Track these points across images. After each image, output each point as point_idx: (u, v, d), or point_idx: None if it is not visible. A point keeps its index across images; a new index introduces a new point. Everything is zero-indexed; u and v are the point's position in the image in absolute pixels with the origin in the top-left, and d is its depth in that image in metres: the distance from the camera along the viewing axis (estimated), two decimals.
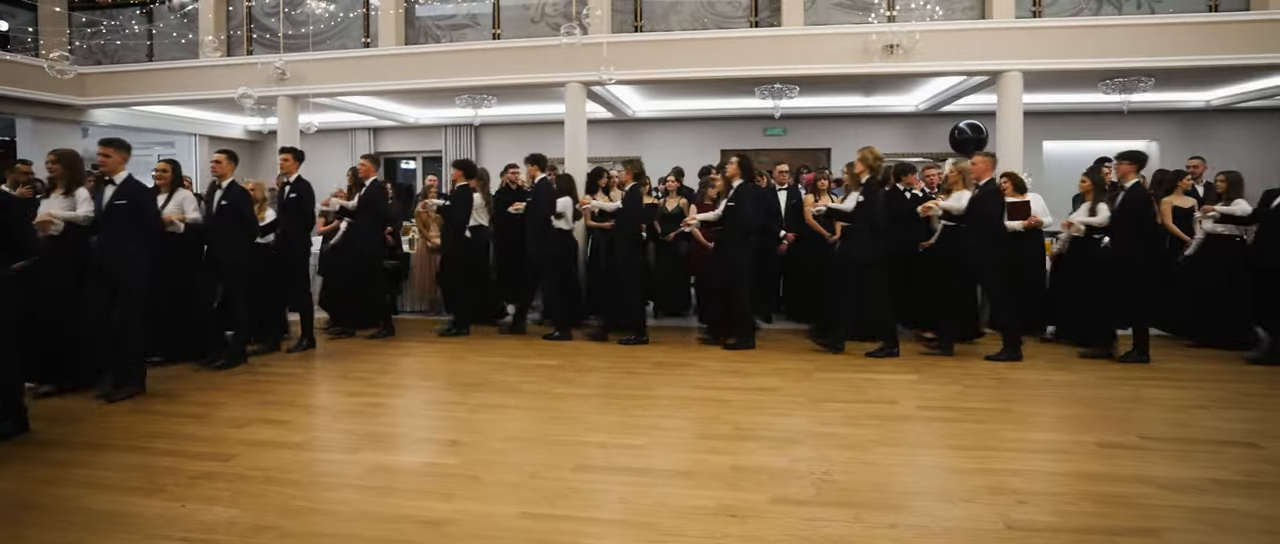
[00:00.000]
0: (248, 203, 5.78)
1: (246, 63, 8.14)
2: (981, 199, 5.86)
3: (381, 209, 6.75)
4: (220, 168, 5.73)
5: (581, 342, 6.77)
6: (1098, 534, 2.93)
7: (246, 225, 5.77)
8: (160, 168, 5.78)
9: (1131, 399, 4.87)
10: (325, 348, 6.61)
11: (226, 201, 5.62)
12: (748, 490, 3.37)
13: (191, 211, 5.68)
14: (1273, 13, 6.86)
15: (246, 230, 5.79)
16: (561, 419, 4.52)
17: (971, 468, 3.64)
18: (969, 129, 9.39)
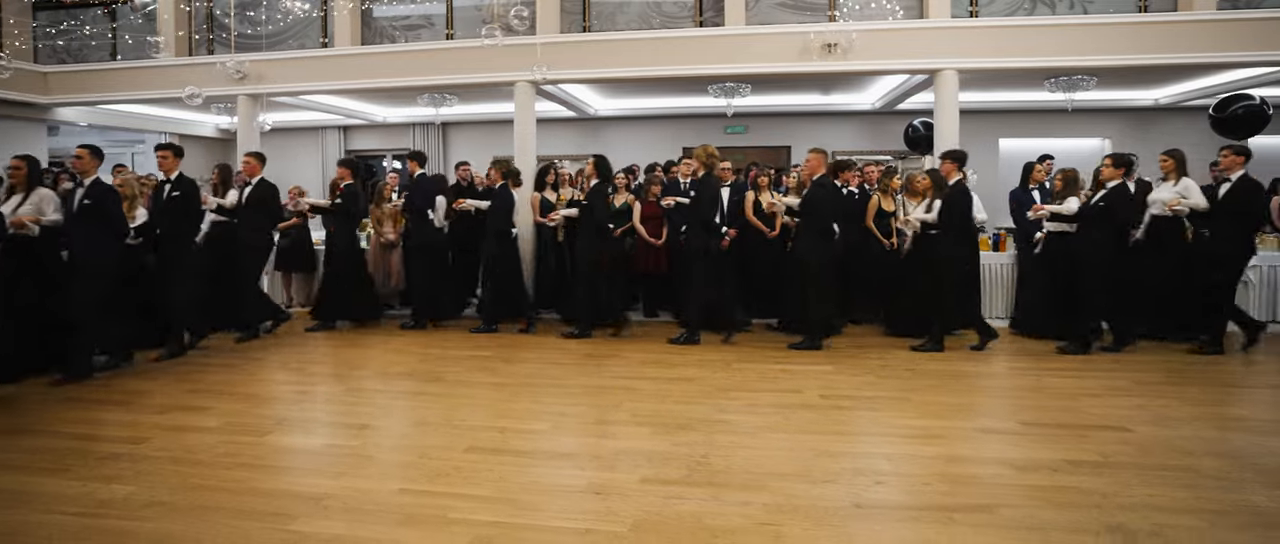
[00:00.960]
0: (114, 201, 5.44)
1: (206, 62, 8.32)
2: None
3: (272, 207, 6.90)
4: (81, 165, 5.41)
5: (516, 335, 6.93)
6: (937, 511, 3.11)
7: (113, 225, 5.38)
8: (13, 166, 5.39)
9: (1030, 388, 5.03)
10: (266, 340, 6.78)
11: (89, 200, 5.25)
12: (621, 471, 3.55)
13: (51, 213, 5.32)
14: (1198, 14, 7.01)
15: (115, 230, 5.41)
16: (473, 406, 4.71)
17: (846, 452, 3.81)
18: (922, 127, 9.50)
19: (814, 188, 6.15)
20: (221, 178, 7.06)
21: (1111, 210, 5.91)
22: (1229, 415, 4.42)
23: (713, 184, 6.47)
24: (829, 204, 6.15)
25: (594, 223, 6.74)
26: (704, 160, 6.14)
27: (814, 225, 6.15)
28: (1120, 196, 5.94)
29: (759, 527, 2.96)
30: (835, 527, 2.96)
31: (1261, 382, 5.25)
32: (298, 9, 7.69)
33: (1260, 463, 3.58)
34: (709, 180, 6.41)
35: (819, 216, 6.13)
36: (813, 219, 6.15)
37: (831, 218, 6.27)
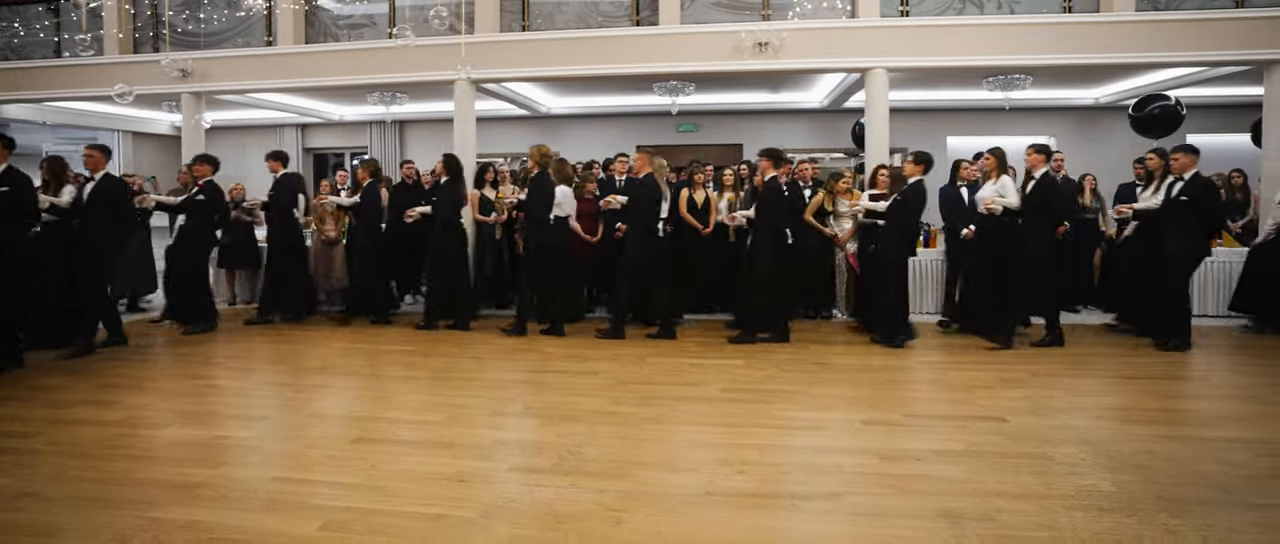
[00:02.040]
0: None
1: (149, 61, 8.35)
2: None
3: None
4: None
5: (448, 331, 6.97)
6: (785, 498, 3.21)
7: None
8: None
9: (930, 381, 5.15)
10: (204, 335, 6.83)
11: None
12: (494, 460, 3.64)
13: None
14: (1119, 15, 7.13)
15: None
16: (375, 399, 4.81)
17: (720, 443, 3.91)
18: None
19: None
20: (53, 173, 6.35)
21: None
22: (1108, 405, 4.54)
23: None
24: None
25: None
26: (537, 160, 6.30)
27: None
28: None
29: (604, 512, 3.05)
30: (677, 513, 3.05)
31: (1161, 373, 5.34)
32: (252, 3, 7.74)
33: (1116, 450, 3.69)
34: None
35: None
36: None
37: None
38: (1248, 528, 2.86)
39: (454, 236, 6.92)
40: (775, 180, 6.19)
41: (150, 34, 8.61)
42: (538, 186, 6.42)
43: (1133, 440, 3.85)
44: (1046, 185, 5.93)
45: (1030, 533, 2.82)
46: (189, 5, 8.39)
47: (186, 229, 7.13)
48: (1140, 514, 2.97)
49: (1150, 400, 4.66)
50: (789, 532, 2.89)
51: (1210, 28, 7.09)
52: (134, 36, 8.55)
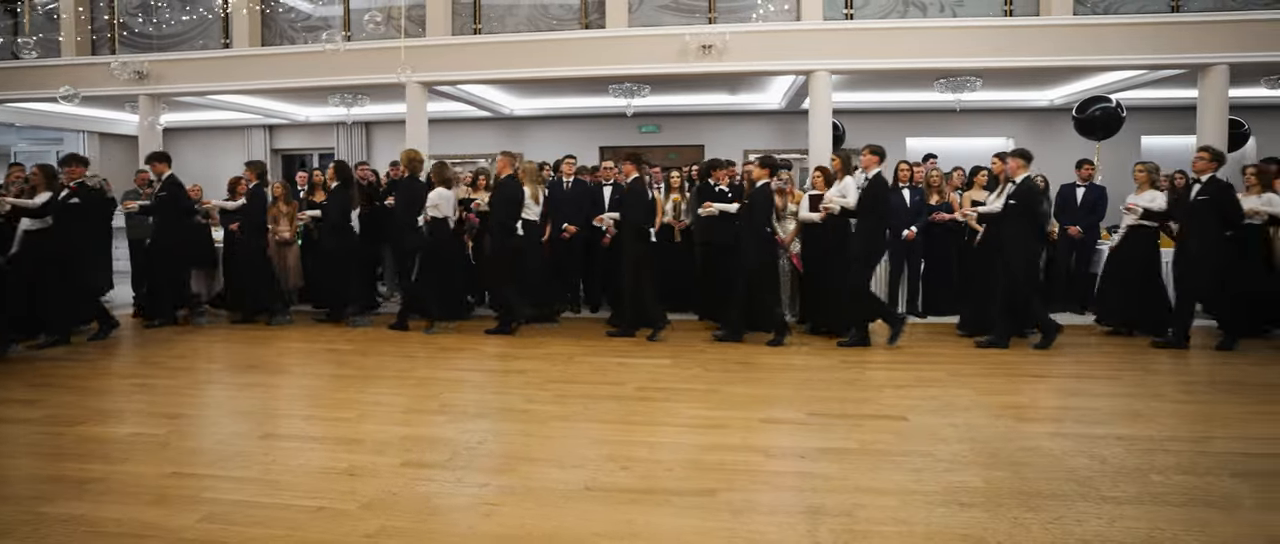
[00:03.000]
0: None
1: (105, 62, 8.41)
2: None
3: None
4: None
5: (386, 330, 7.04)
6: (662, 494, 3.29)
7: None
8: None
9: (846, 381, 5.22)
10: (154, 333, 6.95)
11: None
12: (390, 455, 3.73)
13: None
14: (1057, 18, 7.23)
15: None
16: (299, 397, 4.91)
17: (616, 440, 4.00)
18: None
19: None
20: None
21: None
22: (1010, 404, 4.62)
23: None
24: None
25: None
26: (406, 165, 6.67)
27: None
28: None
29: (478, 504, 3.15)
30: (549, 506, 3.15)
31: (1071, 373, 5.44)
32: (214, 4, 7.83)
33: (1000, 447, 3.79)
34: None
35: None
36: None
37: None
38: (1093, 519, 2.95)
39: (345, 239, 7.18)
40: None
41: (108, 36, 8.70)
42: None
43: (1020, 438, 3.94)
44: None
45: (882, 527, 2.92)
46: (145, 9, 8.50)
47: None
48: (998, 509, 3.06)
49: (1053, 398, 4.77)
50: (650, 525, 2.97)
51: (1147, 32, 7.19)
52: (92, 39, 8.64)
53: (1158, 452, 3.72)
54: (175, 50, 8.53)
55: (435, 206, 6.73)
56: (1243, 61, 7.07)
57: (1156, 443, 3.86)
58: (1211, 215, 5.87)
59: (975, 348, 6.15)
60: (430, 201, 6.73)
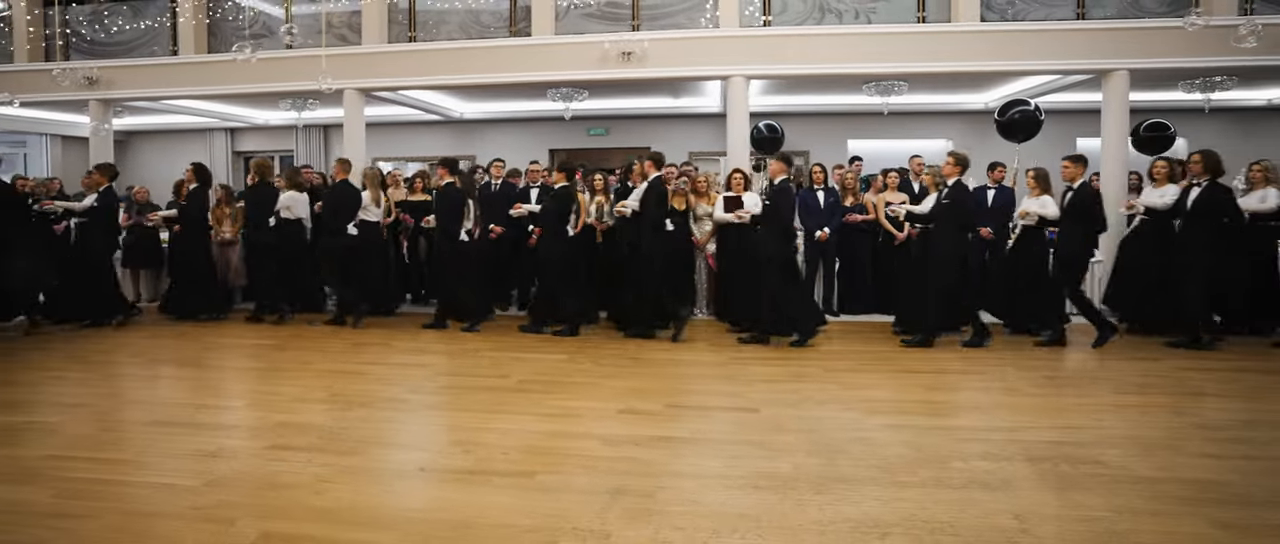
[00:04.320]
0: None
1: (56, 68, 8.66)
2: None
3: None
4: None
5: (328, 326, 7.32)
6: (487, 475, 3.54)
7: None
8: None
9: (723, 376, 5.46)
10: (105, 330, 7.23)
11: None
12: (259, 440, 3.99)
13: None
14: (968, 25, 7.44)
15: None
16: (202, 388, 5.20)
17: (473, 427, 4.26)
18: (766, 129, 9.95)
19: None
20: None
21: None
22: (868, 398, 4.83)
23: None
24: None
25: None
26: (254, 171, 7.30)
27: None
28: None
29: (315, 482, 3.41)
30: (379, 484, 3.41)
31: (954, 368, 5.64)
32: None
33: (832, 437, 4.02)
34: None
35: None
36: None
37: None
38: (870, 501, 3.18)
39: (197, 240, 7.62)
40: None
41: (61, 43, 9.01)
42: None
43: (855, 429, 4.17)
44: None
45: (671, 507, 3.16)
46: (96, 17, 8.80)
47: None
48: (788, 492, 3.29)
49: (914, 393, 4.97)
50: (459, 501, 3.22)
51: (1054, 38, 7.39)
52: (44, 45, 8.95)
53: (973, 440, 3.95)
54: (127, 57, 8.84)
55: (287, 208, 7.31)
56: (1142, 67, 7.28)
57: (977, 433, 4.10)
58: (951, 218, 6.11)
59: (902, 346, 6.32)
60: (282, 203, 7.29)
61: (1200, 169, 6.02)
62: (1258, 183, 6.30)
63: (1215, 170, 5.98)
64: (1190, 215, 6.13)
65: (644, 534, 2.91)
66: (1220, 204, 6.04)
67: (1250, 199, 6.33)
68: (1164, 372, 5.45)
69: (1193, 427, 4.19)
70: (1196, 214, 6.08)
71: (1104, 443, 3.93)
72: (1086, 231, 6.29)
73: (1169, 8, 7.16)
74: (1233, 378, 5.31)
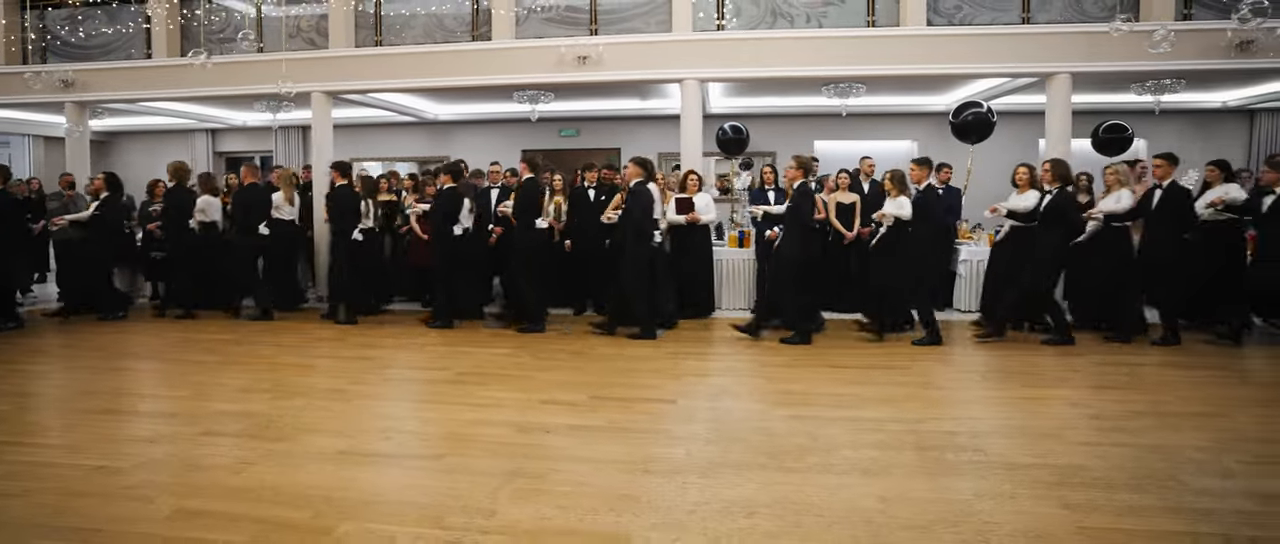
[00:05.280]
0: None
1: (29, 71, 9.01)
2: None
3: None
4: None
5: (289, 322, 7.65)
6: (398, 458, 3.77)
7: None
8: None
9: (655, 370, 5.64)
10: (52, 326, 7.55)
11: None
12: (196, 427, 4.21)
13: None
14: (915, 29, 7.62)
15: None
16: (153, 379, 5.46)
17: (401, 415, 4.50)
18: (731, 130, 10.16)
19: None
20: None
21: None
22: (786, 391, 5.04)
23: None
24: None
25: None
26: (172, 175, 7.83)
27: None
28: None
29: (237, 464, 3.62)
30: (296, 466, 3.62)
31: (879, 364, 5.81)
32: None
33: (735, 427, 4.22)
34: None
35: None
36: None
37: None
38: (751, 485, 3.38)
39: (102, 243, 7.84)
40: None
41: (42, 45, 9.27)
42: None
43: (763, 420, 4.37)
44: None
45: (560, 488, 3.36)
46: (73, 21, 9.06)
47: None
48: (674, 477, 3.49)
49: (832, 387, 5.16)
50: (364, 481, 3.43)
51: (999, 42, 7.57)
52: (25, 47, 9.21)
53: (871, 431, 4.15)
54: (103, 60, 9.09)
55: (202, 212, 7.74)
56: (1083, 70, 7.45)
57: (879, 423, 4.29)
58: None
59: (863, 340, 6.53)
60: (198, 207, 7.73)
61: (1051, 177, 6.24)
62: (1111, 185, 6.56)
63: (1064, 178, 6.20)
64: (1042, 219, 6.33)
65: (526, 512, 3.13)
66: (1063, 210, 6.22)
67: (1107, 201, 6.57)
68: (1080, 367, 5.64)
69: (1085, 417, 4.39)
70: (1045, 220, 6.28)
71: (994, 433, 4.14)
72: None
73: (1110, 12, 7.33)
74: (1140, 372, 5.48)
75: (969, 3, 7.69)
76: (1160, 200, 6.27)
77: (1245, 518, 3.05)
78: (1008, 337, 6.61)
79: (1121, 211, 6.41)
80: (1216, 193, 6.45)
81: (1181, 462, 3.65)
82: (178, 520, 3.06)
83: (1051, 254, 6.29)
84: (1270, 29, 6.70)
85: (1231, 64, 7.12)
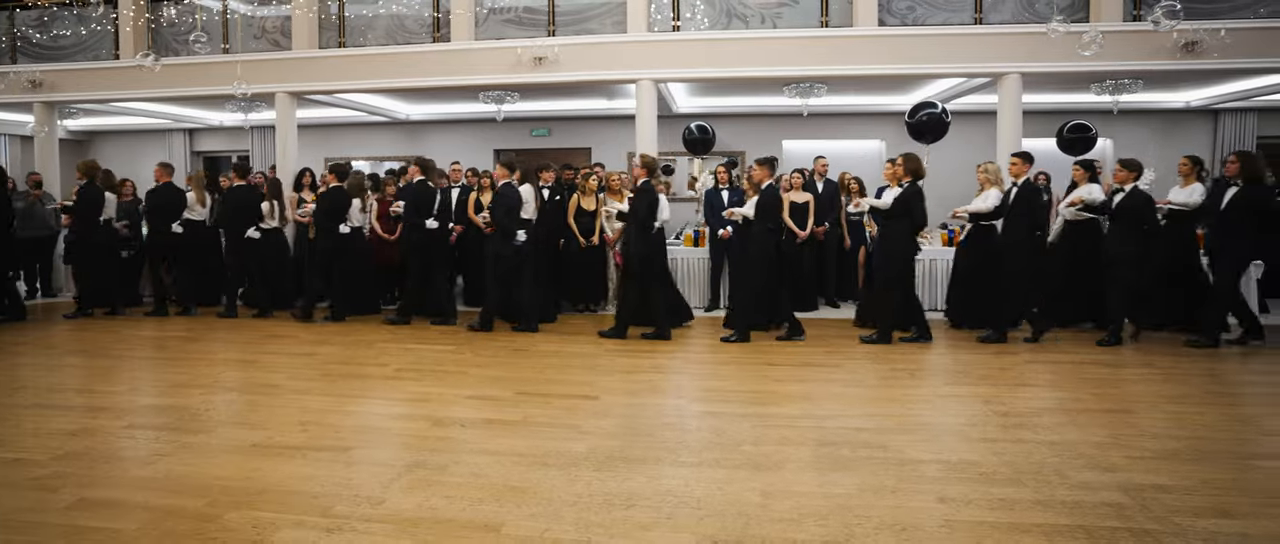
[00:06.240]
0: None
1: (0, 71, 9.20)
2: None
3: None
4: None
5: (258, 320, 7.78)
6: (308, 450, 3.84)
7: None
8: None
9: (589, 367, 5.75)
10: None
11: None
12: (124, 420, 4.34)
13: None
14: (867, 30, 7.69)
15: None
16: (98, 375, 5.57)
17: (326, 409, 4.57)
18: (697, 130, 10.24)
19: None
20: None
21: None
22: (712, 389, 5.14)
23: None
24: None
25: None
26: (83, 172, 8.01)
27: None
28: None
29: (152, 455, 3.74)
30: (208, 457, 3.72)
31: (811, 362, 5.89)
32: None
33: (647, 424, 4.29)
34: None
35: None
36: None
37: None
38: (640, 479, 3.44)
39: None
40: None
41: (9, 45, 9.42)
42: None
43: (677, 417, 4.45)
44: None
45: (456, 478, 3.45)
46: (41, 22, 9.20)
47: None
48: (571, 470, 3.56)
49: (761, 384, 5.23)
50: (269, 472, 3.51)
51: (951, 42, 7.63)
52: None
53: (780, 428, 4.21)
54: (72, 60, 9.24)
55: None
56: (1032, 71, 7.51)
57: (790, 420, 4.36)
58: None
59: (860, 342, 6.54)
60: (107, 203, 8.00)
61: (902, 172, 6.38)
62: (983, 184, 6.66)
63: (916, 173, 6.36)
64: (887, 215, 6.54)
65: (413, 501, 3.22)
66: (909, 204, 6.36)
67: (976, 200, 6.68)
68: (1006, 365, 5.69)
69: (995, 414, 4.45)
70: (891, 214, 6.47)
71: (900, 430, 4.20)
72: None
73: (1063, 14, 7.38)
74: (1064, 370, 5.55)
75: (922, 3, 7.76)
76: (1014, 199, 6.36)
77: (1112, 511, 3.12)
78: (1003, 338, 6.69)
79: (986, 211, 6.52)
80: (1079, 193, 6.57)
81: (1071, 457, 3.72)
82: (76, 510, 3.16)
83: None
84: (1215, 31, 6.75)
85: (1178, 65, 7.18)
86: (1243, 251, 6.20)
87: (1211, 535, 2.89)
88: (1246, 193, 6.04)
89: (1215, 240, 6.33)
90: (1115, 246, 6.34)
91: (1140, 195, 6.27)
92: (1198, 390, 5.05)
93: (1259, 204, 6.09)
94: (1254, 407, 4.81)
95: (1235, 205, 6.10)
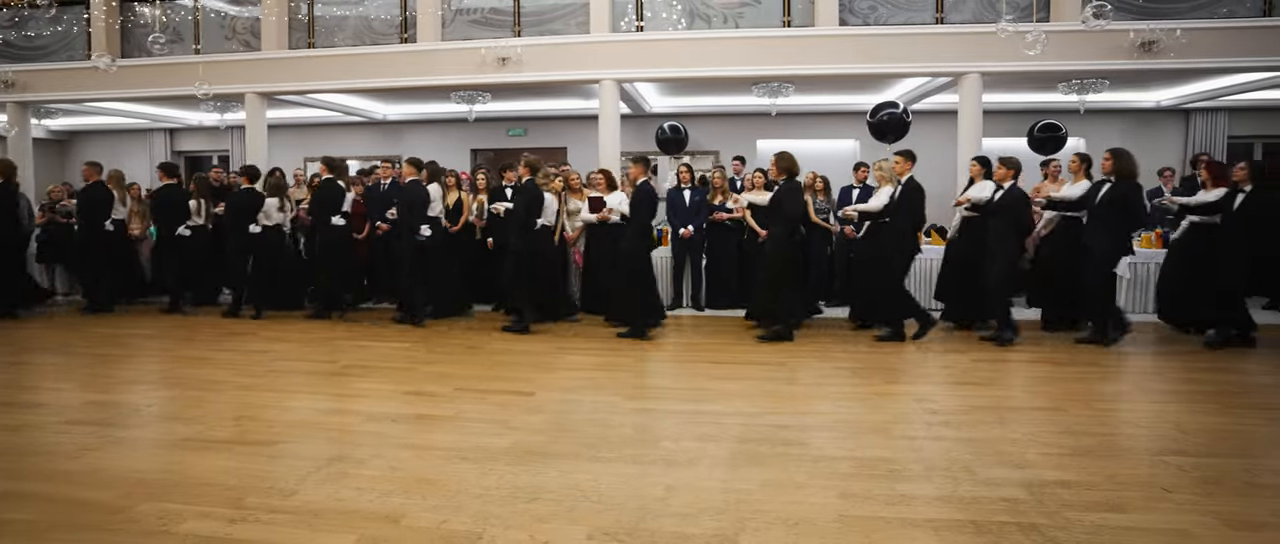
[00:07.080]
0: None
1: None
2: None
3: None
4: None
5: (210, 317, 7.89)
6: (234, 445, 3.90)
7: None
8: None
9: (536, 365, 5.76)
10: None
11: None
12: (63, 416, 4.40)
13: None
14: (829, 30, 7.73)
15: None
16: (50, 372, 5.63)
17: (263, 404, 4.63)
18: (669, 130, 10.29)
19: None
20: None
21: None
22: (650, 386, 5.20)
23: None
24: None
25: None
26: None
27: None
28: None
29: (78, 450, 3.78)
30: (135, 451, 3.79)
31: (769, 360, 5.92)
32: None
33: (578, 420, 4.33)
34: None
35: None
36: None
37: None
38: (552, 473, 3.48)
39: None
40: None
41: None
42: None
43: (608, 413, 4.48)
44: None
45: (372, 472, 3.50)
46: (15, 22, 9.31)
47: None
48: (486, 463, 3.61)
49: (701, 382, 5.27)
50: (190, 465, 3.57)
51: (911, 42, 7.67)
52: None
53: (704, 424, 4.25)
54: (44, 60, 9.34)
55: None
56: (992, 70, 7.54)
57: (716, 417, 4.40)
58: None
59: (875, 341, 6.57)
60: None
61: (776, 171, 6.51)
62: (880, 182, 6.70)
63: (790, 171, 6.50)
64: None
65: (322, 493, 3.28)
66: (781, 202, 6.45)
67: (872, 199, 6.78)
68: (950, 363, 5.74)
69: (923, 412, 4.49)
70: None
71: (825, 428, 4.24)
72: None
73: (1023, 14, 7.41)
74: (1009, 369, 5.60)
75: (883, 3, 7.80)
76: (899, 197, 6.42)
77: (1007, 506, 3.15)
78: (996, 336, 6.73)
79: (877, 209, 6.61)
80: (970, 192, 6.65)
81: (986, 454, 3.76)
82: None
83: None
84: (1171, 30, 6.78)
85: (1136, 64, 7.21)
86: (1111, 248, 6.26)
87: (1096, 529, 2.93)
88: (1118, 189, 6.12)
89: (1087, 236, 6.40)
90: (993, 243, 6.40)
91: (1017, 193, 6.37)
92: (1134, 388, 5.09)
93: (1127, 201, 6.15)
94: (1183, 404, 4.82)
95: (1107, 201, 6.18)
